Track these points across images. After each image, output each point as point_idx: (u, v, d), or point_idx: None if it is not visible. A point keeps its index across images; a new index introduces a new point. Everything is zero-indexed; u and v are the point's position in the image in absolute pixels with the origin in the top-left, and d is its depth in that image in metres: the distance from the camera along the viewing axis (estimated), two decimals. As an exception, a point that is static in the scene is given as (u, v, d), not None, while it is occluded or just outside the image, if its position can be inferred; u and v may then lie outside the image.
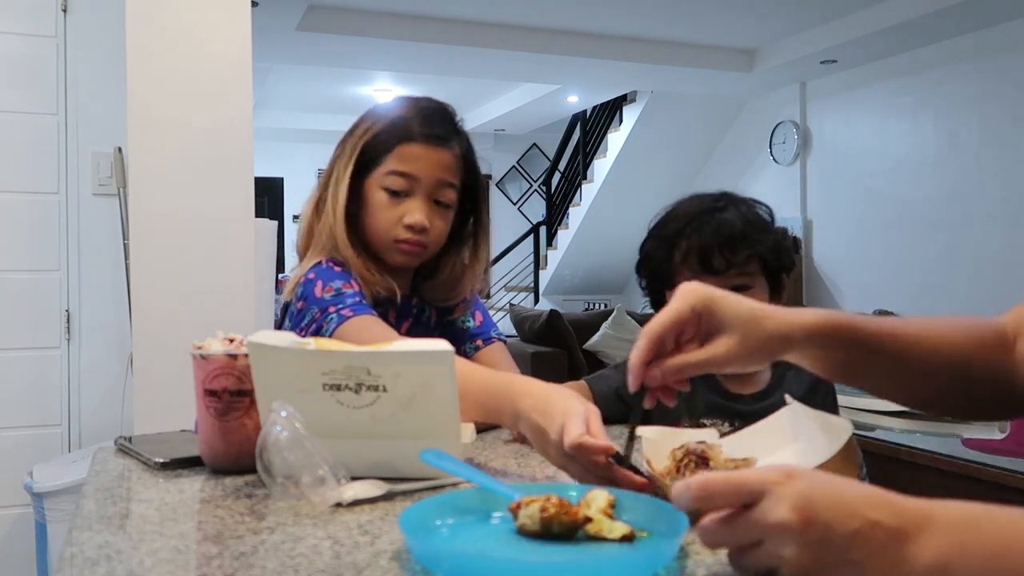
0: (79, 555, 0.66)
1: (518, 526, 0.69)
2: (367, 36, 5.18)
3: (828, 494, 0.52)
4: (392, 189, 1.26)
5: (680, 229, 1.24)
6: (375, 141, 1.27)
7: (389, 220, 1.26)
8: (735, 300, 0.74)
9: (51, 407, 2.56)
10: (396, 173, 1.25)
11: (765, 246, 1.22)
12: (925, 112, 5.51)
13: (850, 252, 5.92)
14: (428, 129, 1.26)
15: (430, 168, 1.25)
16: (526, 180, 9.90)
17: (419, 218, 1.25)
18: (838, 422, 0.85)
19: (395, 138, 1.26)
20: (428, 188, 1.26)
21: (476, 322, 1.42)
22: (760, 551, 0.53)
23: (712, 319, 0.73)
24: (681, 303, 0.73)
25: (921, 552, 0.50)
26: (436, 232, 1.28)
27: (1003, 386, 0.79)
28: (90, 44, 2.58)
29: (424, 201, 1.26)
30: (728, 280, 1.21)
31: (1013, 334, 0.80)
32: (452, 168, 1.28)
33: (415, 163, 1.25)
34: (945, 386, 0.80)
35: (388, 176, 1.26)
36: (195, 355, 0.93)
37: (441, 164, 1.26)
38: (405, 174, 1.25)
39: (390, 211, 1.26)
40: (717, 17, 5.26)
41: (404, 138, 1.25)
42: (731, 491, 0.53)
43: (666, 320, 0.73)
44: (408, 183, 1.25)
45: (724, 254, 1.20)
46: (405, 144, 1.25)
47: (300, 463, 0.78)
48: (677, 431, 0.96)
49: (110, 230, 2.59)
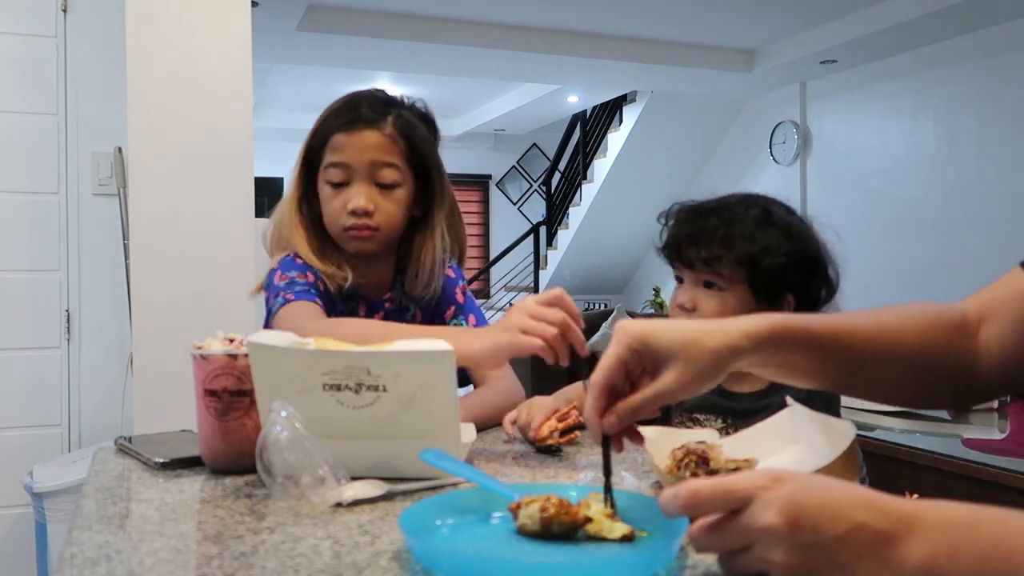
0: (79, 555, 0.66)
1: (518, 526, 0.69)
2: (367, 36, 5.18)
3: (816, 497, 0.52)
4: (333, 182, 1.29)
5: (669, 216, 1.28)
6: (313, 140, 1.32)
7: (335, 211, 1.29)
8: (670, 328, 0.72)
9: (51, 407, 2.56)
10: (331, 165, 1.29)
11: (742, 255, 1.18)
12: (925, 112, 5.50)
13: (850, 252, 5.89)
14: (350, 115, 1.28)
15: (359, 152, 1.27)
16: (526, 180, 9.90)
17: (359, 202, 1.27)
18: (840, 424, 0.85)
19: (326, 132, 1.30)
20: (364, 172, 1.28)
21: (469, 324, 1.42)
22: (749, 555, 0.53)
23: (651, 353, 0.71)
24: (617, 345, 0.72)
25: (909, 554, 0.50)
26: (384, 214, 1.29)
27: (964, 373, 0.78)
28: (90, 44, 2.58)
29: (364, 185, 1.28)
30: (699, 275, 1.22)
31: (976, 320, 0.79)
32: (385, 147, 1.28)
33: (344, 151, 1.28)
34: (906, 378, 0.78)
35: (327, 170, 1.30)
36: (195, 355, 0.93)
37: (370, 145, 1.27)
38: (338, 164, 1.28)
39: (334, 202, 1.29)
40: (717, 17, 5.26)
41: (331, 130, 1.29)
42: (719, 498, 0.54)
43: (607, 366, 0.71)
44: (344, 172, 1.28)
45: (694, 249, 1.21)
46: (333, 135, 1.28)
47: (300, 463, 0.78)
48: (677, 431, 0.96)
49: (110, 230, 2.59)
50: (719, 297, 1.20)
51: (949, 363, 0.77)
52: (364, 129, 1.28)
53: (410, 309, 1.41)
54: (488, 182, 9.81)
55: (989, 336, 0.78)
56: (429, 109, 1.39)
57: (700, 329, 0.72)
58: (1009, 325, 0.77)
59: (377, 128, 1.28)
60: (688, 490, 0.54)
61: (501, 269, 9.05)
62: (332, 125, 1.29)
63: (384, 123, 1.28)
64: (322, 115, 1.33)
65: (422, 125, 1.34)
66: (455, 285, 1.45)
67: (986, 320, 0.78)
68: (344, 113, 1.29)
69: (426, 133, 1.35)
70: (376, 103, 1.30)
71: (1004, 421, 2.56)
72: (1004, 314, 0.78)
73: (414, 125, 1.32)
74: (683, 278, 1.25)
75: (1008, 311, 0.77)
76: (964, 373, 0.78)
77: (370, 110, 1.29)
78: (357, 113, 1.29)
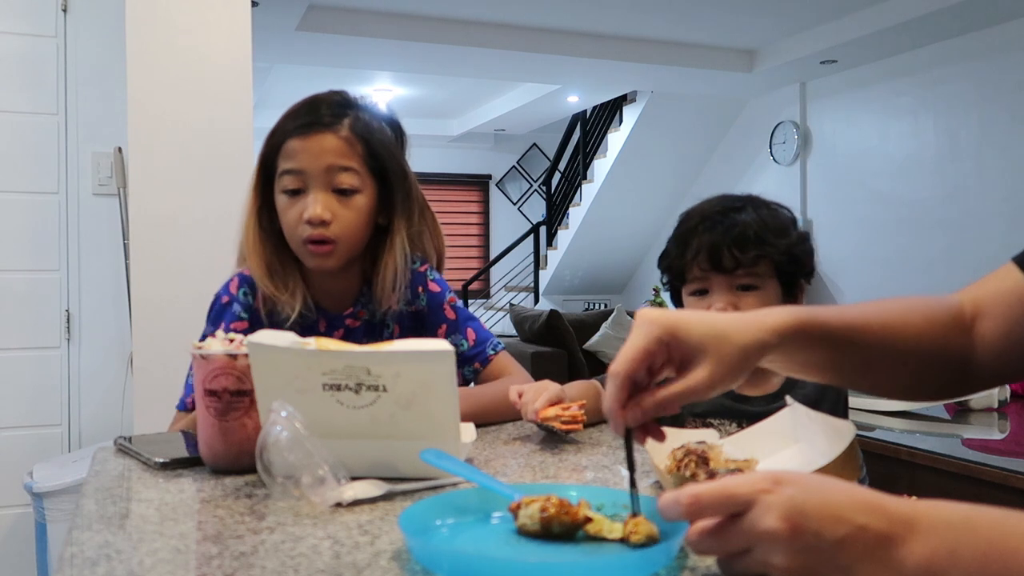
0: (79, 555, 0.66)
1: (518, 526, 0.69)
2: (367, 36, 5.18)
3: (816, 500, 0.52)
4: (288, 189, 1.22)
5: (694, 227, 1.25)
6: (267, 149, 1.25)
7: (292, 222, 1.22)
8: (700, 320, 0.69)
9: (51, 407, 2.56)
10: (285, 172, 1.22)
11: (777, 249, 1.22)
12: (925, 112, 5.50)
13: (851, 252, 5.92)
14: (301, 119, 1.22)
15: (313, 157, 1.20)
16: (526, 180, 9.90)
17: (315, 210, 1.19)
18: (840, 424, 0.85)
19: (280, 138, 1.23)
20: (319, 178, 1.20)
21: (470, 342, 1.35)
22: (749, 558, 0.53)
23: (681, 346, 0.68)
24: (644, 335, 0.68)
25: (909, 555, 0.50)
26: (343, 222, 1.22)
27: (959, 365, 0.78)
28: (90, 44, 2.58)
29: (320, 192, 1.20)
30: (736, 279, 1.23)
31: (971, 313, 0.79)
32: (341, 150, 1.21)
33: (297, 157, 1.21)
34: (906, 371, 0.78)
35: (281, 178, 1.23)
36: (195, 355, 0.93)
37: (325, 150, 1.20)
38: (291, 171, 1.21)
39: (290, 212, 1.22)
40: (717, 17, 5.26)
41: (284, 136, 1.22)
42: (721, 502, 0.53)
43: (632, 356, 0.67)
44: (298, 179, 1.21)
45: (733, 253, 1.21)
46: (287, 141, 1.22)
47: (300, 463, 0.78)
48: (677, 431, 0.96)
49: (110, 230, 2.59)
50: (757, 296, 1.22)
51: (945, 355, 0.78)
52: (319, 133, 1.21)
53: (389, 326, 1.33)
54: (488, 182, 9.81)
55: (984, 329, 0.78)
56: (394, 112, 1.33)
57: (729, 323, 0.70)
58: (1003, 319, 0.77)
59: (333, 131, 1.21)
60: (690, 495, 0.54)
61: (501, 269, 9.05)
62: (286, 130, 1.22)
63: (340, 126, 1.22)
64: (278, 120, 1.25)
65: (384, 127, 1.28)
66: (442, 300, 1.36)
67: (981, 313, 0.79)
68: (299, 117, 1.23)
69: (387, 135, 1.28)
70: (333, 105, 1.24)
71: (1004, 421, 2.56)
72: (999, 308, 0.78)
73: (373, 127, 1.25)
74: (709, 288, 1.25)
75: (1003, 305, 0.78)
76: (959, 365, 0.78)
77: (326, 113, 1.22)
78: (312, 116, 1.22)
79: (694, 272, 1.25)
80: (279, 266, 1.26)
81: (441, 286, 1.37)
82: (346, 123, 1.22)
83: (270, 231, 1.27)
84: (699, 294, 1.26)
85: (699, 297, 1.26)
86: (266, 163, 1.25)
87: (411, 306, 1.34)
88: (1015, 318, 0.77)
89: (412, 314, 1.35)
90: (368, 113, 1.26)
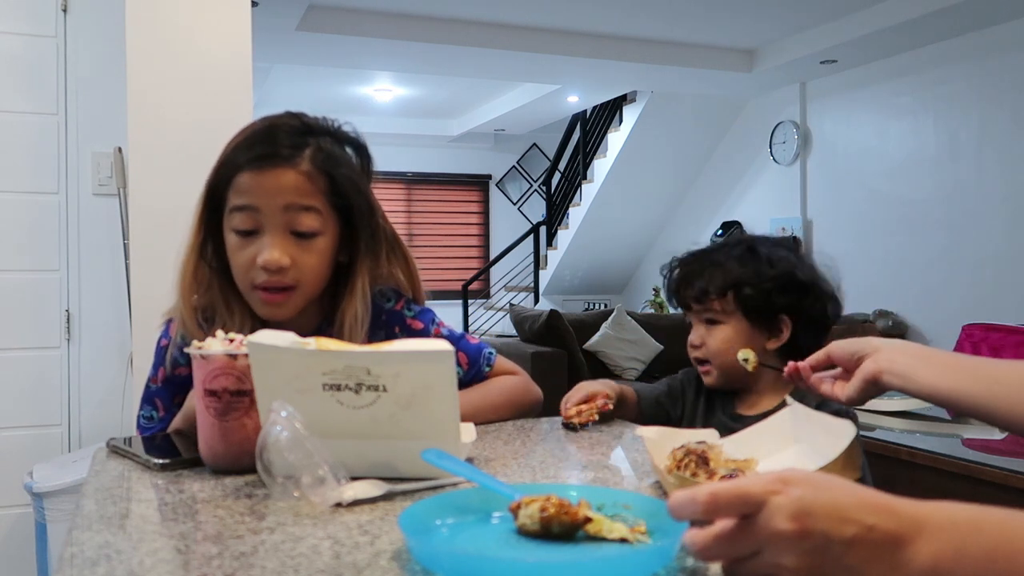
0: (79, 555, 0.66)
1: (518, 526, 0.69)
2: (367, 36, 5.18)
3: (824, 500, 0.52)
4: (239, 229, 1.08)
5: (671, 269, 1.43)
6: (216, 177, 1.10)
7: (243, 265, 1.09)
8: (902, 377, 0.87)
9: (51, 407, 2.56)
10: (236, 209, 1.07)
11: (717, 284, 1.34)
12: (925, 112, 5.50)
13: (850, 252, 5.92)
14: (255, 151, 1.07)
15: (269, 195, 1.06)
16: (526, 180, 9.89)
17: (271, 255, 1.05)
18: (840, 424, 0.85)
19: (231, 170, 1.08)
20: (276, 218, 1.06)
21: (464, 366, 1.24)
22: (757, 561, 0.52)
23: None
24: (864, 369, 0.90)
25: (917, 556, 0.50)
26: (304, 268, 1.08)
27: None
28: (90, 44, 2.58)
29: (277, 235, 1.07)
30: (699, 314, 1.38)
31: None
32: (301, 188, 1.07)
33: (251, 194, 1.06)
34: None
35: (232, 215, 1.08)
36: (195, 355, 0.93)
37: (282, 187, 1.06)
38: (244, 207, 1.07)
39: (242, 254, 1.08)
40: (717, 17, 5.26)
41: (235, 168, 1.07)
42: (737, 502, 0.53)
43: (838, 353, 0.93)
44: (252, 218, 1.07)
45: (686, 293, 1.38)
46: (239, 174, 1.07)
47: (300, 463, 0.78)
48: (677, 431, 0.97)
49: (110, 230, 2.59)
50: (720, 330, 1.35)
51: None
52: (276, 167, 1.06)
53: None
54: (488, 182, 9.81)
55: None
56: (359, 133, 1.18)
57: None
58: None
59: (292, 165, 1.06)
60: (707, 493, 0.53)
61: (501, 269, 9.05)
62: (238, 161, 1.07)
63: (300, 158, 1.07)
64: (228, 147, 1.10)
65: (347, 155, 1.14)
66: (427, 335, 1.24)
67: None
68: (253, 147, 1.07)
69: (353, 166, 1.14)
70: (292, 134, 1.09)
71: None
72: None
73: (336, 158, 1.11)
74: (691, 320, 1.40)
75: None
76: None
77: (284, 143, 1.07)
78: (268, 147, 1.07)
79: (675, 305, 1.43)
80: (224, 308, 1.13)
81: (423, 321, 1.25)
82: (307, 155, 1.08)
83: (217, 270, 1.13)
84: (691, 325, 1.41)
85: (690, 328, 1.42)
86: (214, 194, 1.10)
87: None
88: None
89: None
90: (331, 140, 1.12)
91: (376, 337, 1.19)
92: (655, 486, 0.89)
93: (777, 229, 6.45)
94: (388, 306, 1.24)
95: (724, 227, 6.99)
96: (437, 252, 9.49)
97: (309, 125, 1.12)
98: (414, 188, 9.33)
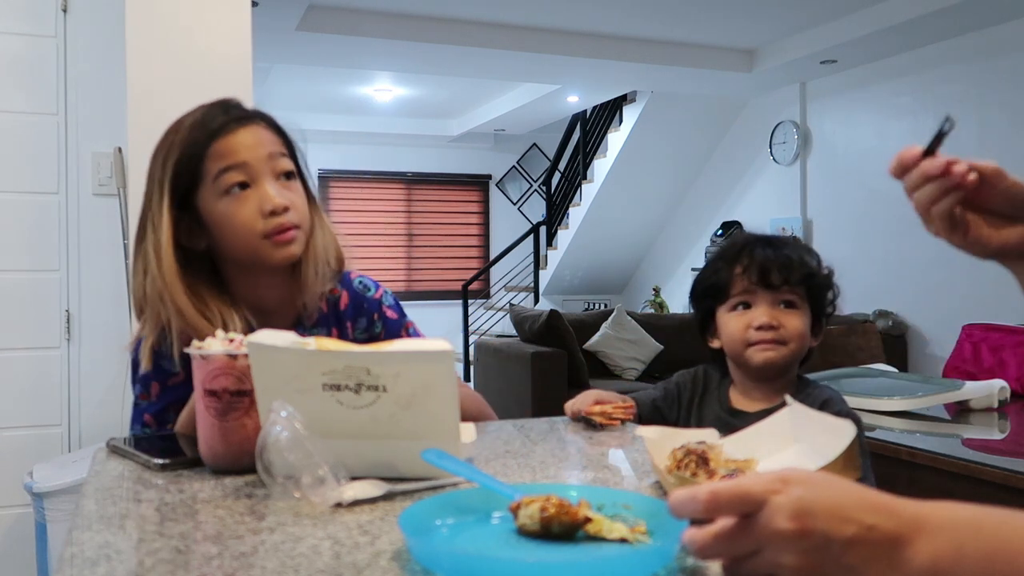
0: (79, 555, 0.66)
1: (518, 526, 0.69)
2: (367, 36, 5.17)
3: (824, 500, 0.52)
4: (236, 182, 1.14)
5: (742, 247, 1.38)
6: (183, 158, 1.15)
7: (247, 220, 1.14)
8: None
9: (51, 407, 2.56)
10: (225, 169, 1.14)
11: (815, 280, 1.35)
12: (925, 112, 5.50)
13: (850, 252, 5.91)
14: (219, 120, 1.15)
15: (253, 146, 1.15)
16: (526, 180, 9.89)
17: (277, 200, 1.14)
18: (840, 423, 0.85)
19: (203, 142, 1.15)
20: (264, 167, 1.15)
21: None
22: (757, 560, 0.53)
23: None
24: None
25: (916, 556, 0.50)
26: (298, 207, 1.18)
27: None
28: (90, 44, 2.58)
29: (269, 181, 1.15)
30: (781, 295, 1.34)
31: None
32: (273, 139, 1.18)
33: (235, 152, 1.14)
34: None
35: (219, 178, 1.14)
36: (195, 355, 0.93)
37: (260, 140, 1.16)
38: (234, 165, 1.14)
39: (243, 210, 1.14)
40: (717, 17, 5.26)
41: (211, 136, 1.15)
42: (737, 501, 0.53)
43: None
44: (243, 172, 1.14)
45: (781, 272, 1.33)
46: (216, 141, 1.14)
47: (300, 463, 0.78)
48: (677, 431, 0.97)
49: (110, 230, 2.59)
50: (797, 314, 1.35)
51: None
52: (248, 124, 1.16)
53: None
54: (488, 182, 9.81)
55: None
56: None
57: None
58: None
59: (254, 123, 1.17)
60: (709, 491, 0.53)
61: (501, 269, 9.05)
62: (203, 136, 1.14)
63: (259, 117, 1.19)
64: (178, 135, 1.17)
65: None
66: (399, 327, 1.33)
67: None
68: (210, 121, 1.16)
69: None
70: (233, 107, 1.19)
71: (1004, 421, 2.56)
72: None
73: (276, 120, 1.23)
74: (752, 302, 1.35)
75: None
76: None
77: (236, 110, 1.18)
78: (226, 116, 1.16)
79: (739, 287, 1.34)
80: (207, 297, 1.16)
81: (397, 312, 1.35)
82: (259, 115, 1.20)
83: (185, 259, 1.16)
84: (742, 307, 1.35)
85: (740, 311, 1.35)
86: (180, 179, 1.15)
87: (367, 334, 1.31)
88: None
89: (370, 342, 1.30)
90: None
91: (360, 323, 1.31)
92: (655, 486, 0.89)
93: (777, 229, 6.44)
94: (369, 295, 1.33)
95: (724, 227, 6.98)
96: (437, 252, 9.49)
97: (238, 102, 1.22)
98: (414, 188, 9.33)
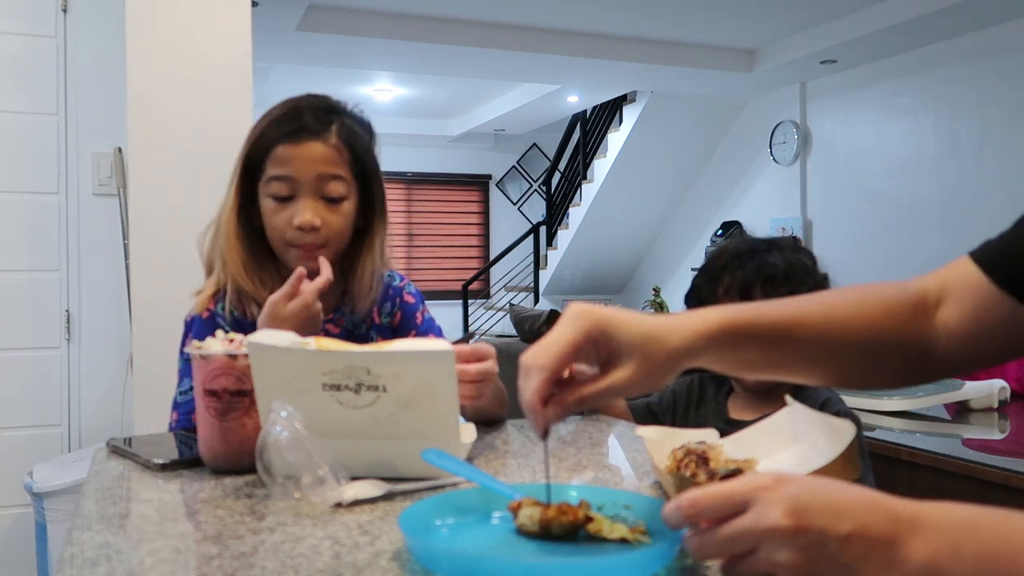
0: (79, 555, 0.66)
1: (518, 526, 0.69)
2: (367, 36, 5.17)
3: (820, 498, 0.52)
4: (277, 195, 1.23)
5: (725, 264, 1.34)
6: (253, 150, 1.25)
7: (279, 226, 1.24)
8: (631, 321, 0.69)
9: (51, 407, 2.56)
10: (274, 178, 1.23)
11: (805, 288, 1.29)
12: (925, 112, 5.50)
13: (850, 252, 5.91)
14: (292, 126, 1.22)
15: (304, 165, 1.21)
16: (526, 180, 9.89)
17: (306, 217, 1.21)
18: (840, 424, 0.85)
19: (267, 143, 1.23)
20: (310, 186, 1.22)
21: None
22: (754, 558, 0.53)
23: (609, 343, 0.68)
24: (574, 329, 0.67)
25: (912, 554, 0.50)
26: (332, 228, 1.24)
27: (919, 352, 0.77)
28: (90, 44, 2.58)
29: (310, 199, 1.22)
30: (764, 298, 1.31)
31: (936, 299, 0.78)
32: (331, 159, 1.23)
33: (288, 164, 1.21)
34: (858, 362, 0.78)
35: (269, 183, 1.23)
36: (195, 355, 0.93)
37: (316, 158, 1.22)
38: (282, 177, 1.22)
39: (278, 217, 1.23)
40: (717, 17, 5.26)
41: (273, 141, 1.22)
42: (721, 503, 0.54)
43: (561, 351, 0.66)
44: (289, 186, 1.22)
45: (764, 290, 1.30)
46: (276, 147, 1.22)
47: (300, 463, 0.78)
48: (677, 431, 0.96)
49: (110, 230, 2.59)
50: None
51: (904, 344, 0.77)
52: (309, 140, 1.22)
53: (371, 337, 1.35)
54: (488, 182, 9.81)
55: (948, 315, 0.77)
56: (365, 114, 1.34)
57: (659, 326, 0.70)
58: (968, 305, 0.76)
59: (322, 139, 1.22)
60: (688, 499, 0.54)
61: (501, 269, 9.05)
62: (274, 135, 1.23)
63: (329, 133, 1.23)
64: (260, 123, 1.25)
65: (363, 132, 1.30)
66: (416, 310, 1.40)
67: (945, 300, 0.78)
68: (286, 122, 1.23)
69: (368, 141, 1.30)
70: (319, 112, 1.24)
71: (1004, 421, 2.56)
72: (962, 295, 0.77)
73: (357, 133, 1.27)
74: None
75: (966, 294, 0.77)
76: (920, 352, 0.78)
77: (313, 119, 1.23)
78: (301, 123, 1.22)
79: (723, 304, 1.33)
80: (255, 265, 1.27)
81: (416, 297, 1.42)
82: (334, 130, 1.23)
83: (248, 231, 1.27)
84: None
85: None
86: (250, 164, 1.25)
87: (391, 318, 1.38)
88: (980, 305, 0.76)
89: (392, 329, 1.38)
90: (351, 118, 1.28)
91: (385, 308, 1.38)
92: (655, 486, 0.89)
93: (777, 229, 6.44)
94: (394, 284, 1.40)
95: (724, 227, 6.98)
96: (437, 252, 9.49)
97: (333, 104, 1.28)
98: (414, 188, 9.33)
